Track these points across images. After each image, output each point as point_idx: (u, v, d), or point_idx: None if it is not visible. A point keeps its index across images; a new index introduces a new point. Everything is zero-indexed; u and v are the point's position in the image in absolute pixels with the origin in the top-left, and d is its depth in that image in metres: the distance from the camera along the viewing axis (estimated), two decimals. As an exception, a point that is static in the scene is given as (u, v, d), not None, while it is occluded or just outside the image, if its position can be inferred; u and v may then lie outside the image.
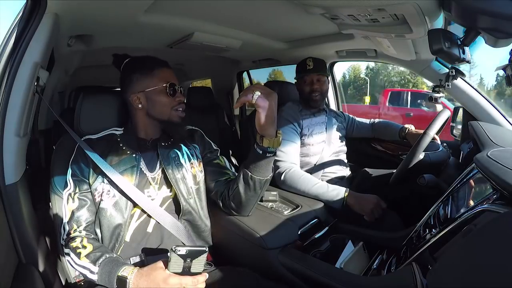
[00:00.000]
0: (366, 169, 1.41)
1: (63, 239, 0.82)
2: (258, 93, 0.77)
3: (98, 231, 0.84)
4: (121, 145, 0.89)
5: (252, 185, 0.86)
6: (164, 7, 0.97)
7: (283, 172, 1.25)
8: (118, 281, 0.69)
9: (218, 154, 1.02)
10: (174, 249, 0.62)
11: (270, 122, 0.79)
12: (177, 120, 0.91)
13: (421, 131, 1.22)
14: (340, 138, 1.48)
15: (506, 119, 1.20)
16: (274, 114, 0.79)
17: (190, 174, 0.92)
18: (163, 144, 0.92)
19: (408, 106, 6.33)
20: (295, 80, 1.48)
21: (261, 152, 0.81)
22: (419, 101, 6.28)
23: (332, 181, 1.35)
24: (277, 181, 1.27)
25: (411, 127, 1.46)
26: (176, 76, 0.93)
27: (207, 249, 0.65)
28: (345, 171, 1.43)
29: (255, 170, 0.84)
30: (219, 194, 0.95)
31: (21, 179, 0.80)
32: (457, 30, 0.78)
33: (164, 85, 0.88)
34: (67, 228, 0.82)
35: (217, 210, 0.98)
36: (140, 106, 0.91)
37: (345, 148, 1.49)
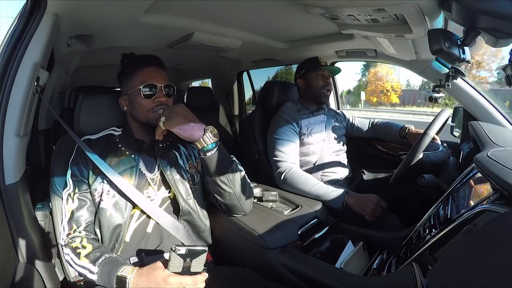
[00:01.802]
0: (364, 171, 1.41)
1: (62, 239, 0.82)
2: (163, 119, 0.80)
3: (97, 231, 0.84)
4: (120, 145, 0.89)
5: (220, 186, 0.85)
6: (164, 7, 0.97)
7: (283, 172, 1.25)
8: (118, 281, 0.69)
9: None
10: (174, 249, 0.62)
11: (189, 131, 0.79)
12: (156, 122, 0.85)
13: (421, 131, 1.22)
14: (340, 137, 1.48)
15: (506, 119, 1.20)
16: (187, 125, 0.79)
17: (189, 175, 0.92)
18: (160, 145, 0.92)
19: None
20: (299, 78, 1.46)
21: (202, 154, 0.81)
22: None
23: (332, 181, 1.35)
24: (277, 181, 1.27)
25: (411, 126, 1.46)
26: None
27: (207, 249, 0.65)
28: (345, 171, 1.43)
29: (211, 172, 0.83)
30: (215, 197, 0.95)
31: (21, 179, 0.80)
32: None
33: (139, 87, 0.85)
34: (66, 228, 0.82)
35: (217, 210, 0.98)
36: (125, 108, 0.91)
37: (345, 147, 1.49)
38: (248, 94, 2.65)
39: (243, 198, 0.91)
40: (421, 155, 1.07)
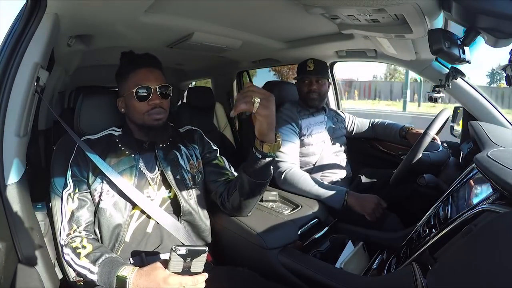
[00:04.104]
0: (362, 175, 1.41)
1: (62, 239, 0.82)
2: (258, 100, 0.69)
3: (97, 231, 0.84)
4: (119, 145, 0.89)
5: (252, 189, 0.84)
6: (164, 7, 0.97)
7: (283, 172, 1.25)
8: (118, 281, 0.69)
9: (217, 154, 1.01)
10: (174, 249, 0.63)
11: (272, 128, 0.74)
12: (153, 123, 0.86)
13: (421, 131, 1.22)
14: (340, 137, 1.48)
15: (506, 119, 1.20)
16: (274, 120, 0.74)
17: (190, 175, 0.92)
18: (161, 145, 0.92)
19: None
20: (295, 81, 1.48)
21: (260, 157, 0.78)
22: None
23: (332, 181, 1.35)
24: (277, 181, 1.27)
25: (411, 126, 1.46)
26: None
27: (207, 249, 0.65)
28: (345, 172, 1.43)
29: (255, 174, 0.81)
30: (218, 195, 0.94)
31: (21, 179, 0.79)
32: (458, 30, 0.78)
33: (133, 89, 0.84)
34: (67, 228, 0.82)
35: (217, 210, 0.98)
36: (123, 110, 0.91)
37: (345, 148, 1.49)
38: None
39: (255, 204, 0.92)
40: (420, 155, 1.07)
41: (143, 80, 0.85)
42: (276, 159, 1.29)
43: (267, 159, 0.78)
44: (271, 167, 0.84)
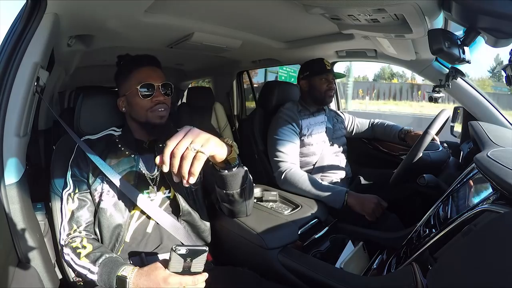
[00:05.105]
0: (363, 174, 1.41)
1: (62, 239, 0.82)
2: (197, 146, 0.62)
3: (97, 231, 0.84)
4: (119, 146, 0.89)
5: (233, 199, 0.83)
6: (164, 7, 0.97)
7: (283, 172, 1.25)
8: (118, 281, 0.69)
9: None
10: (174, 249, 0.63)
11: (220, 145, 0.68)
12: (156, 120, 0.86)
13: (420, 133, 1.22)
14: (340, 138, 1.48)
15: (506, 119, 1.20)
16: (221, 143, 0.68)
17: None
18: (161, 145, 0.92)
19: None
20: (302, 80, 1.45)
21: (226, 171, 0.74)
22: None
23: (332, 182, 1.35)
24: (277, 181, 1.27)
25: (410, 128, 1.46)
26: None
27: (207, 249, 0.65)
28: (345, 171, 1.43)
29: (229, 187, 0.78)
30: (216, 197, 0.94)
31: (21, 179, 0.79)
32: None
33: (137, 87, 0.84)
34: (67, 228, 0.82)
35: (217, 210, 0.98)
36: (124, 109, 0.91)
37: (345, 148, 1.49)
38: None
39: (250, 203, 0.91)
40: (421, 154, 1.07)
41: (146, 78, 0.86)
42: (276, 159, 1.30)
43: (233, 170, 0.74)
44: (242, 169, 0.79)
